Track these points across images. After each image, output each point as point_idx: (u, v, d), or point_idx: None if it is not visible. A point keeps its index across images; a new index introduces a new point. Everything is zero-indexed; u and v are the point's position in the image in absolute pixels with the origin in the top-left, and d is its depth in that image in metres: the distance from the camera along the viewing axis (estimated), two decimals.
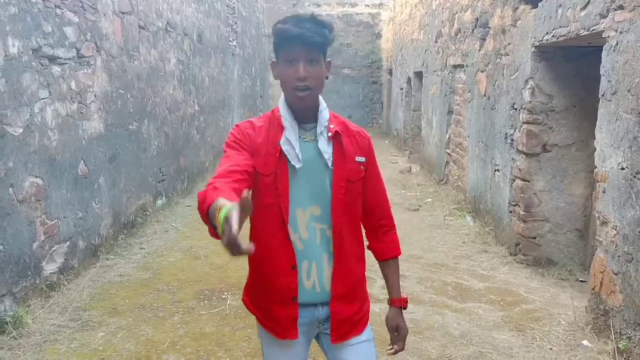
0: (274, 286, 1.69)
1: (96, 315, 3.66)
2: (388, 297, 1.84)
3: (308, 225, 1.67)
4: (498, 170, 5.42)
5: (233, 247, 1.18)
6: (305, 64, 1.58)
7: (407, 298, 1.85)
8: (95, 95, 4.66)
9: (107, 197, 4.94)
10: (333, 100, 17.46)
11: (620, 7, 3.13)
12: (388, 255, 1.83)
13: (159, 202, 6.46)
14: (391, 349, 1.80)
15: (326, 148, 1.66)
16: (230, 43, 11.07)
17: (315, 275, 1.68)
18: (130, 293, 4.07)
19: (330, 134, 1.66)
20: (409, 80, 11.76)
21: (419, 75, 10.60)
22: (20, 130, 3.56)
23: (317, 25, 1.59)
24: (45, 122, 3.86)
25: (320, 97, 1.70)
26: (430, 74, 9.26)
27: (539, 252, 4.71)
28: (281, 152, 1.63)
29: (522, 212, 4.73)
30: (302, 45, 1.56)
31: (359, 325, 1.76)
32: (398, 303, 1.82)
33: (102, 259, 4.70)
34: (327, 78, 1.68)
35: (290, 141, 1.64)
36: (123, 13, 5.29)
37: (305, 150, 1.65)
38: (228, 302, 3.94)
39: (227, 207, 1.20)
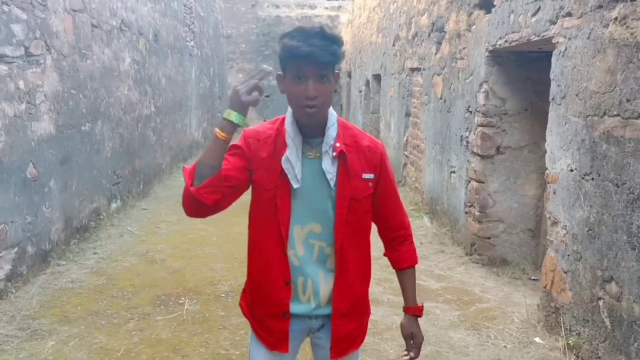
0: (268, 299, 1.69)
1: (46, 324, 3.53)
2: (404, 304, 1.84)
3: (305, 242, 1.66)
4: (454, 172, 5.53)
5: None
6: (314, 82, 1.52)
7: (422, 306, 1.84)
8: (45, 95, 4.50)
9: (58, 200, 4.78)
10: None
11: (569, 14, 3.24)
12: (404, 265, 1.82)
13: (114, 205, 6.29)
14: (406, 355, 1.80)
15: (330, 167, 1.62)
16: (188, 43, 10.91)
17: (310, 290, 1.68)
18: (82, 300, 3.94)
19: (335, 153, 1.62)
20: (367, 82, 11.87)
21: (377, 77, 10.71)
22: None
23: (327, 42, 1.51)
24: None
25: (331, 110, 1.65)
26: (388, 76, 9.36)
27: (493, 252, 4.83)
28: (283, 168, 1.61)
29: (477, 213, 4.83)
30: (312, 63, 1.50)
31: (357, 339, 1.78)
32: (413, 311, 1.81)
33: (53, 264, 4.54)
34: (335, 91, 1.63)
35: (291, 160, 1.60)
36: (75, 11, 5.13)
37: (307, 168, 1.63)
38: (185, 307, 3.87)
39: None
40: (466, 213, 5.11)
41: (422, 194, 6.91)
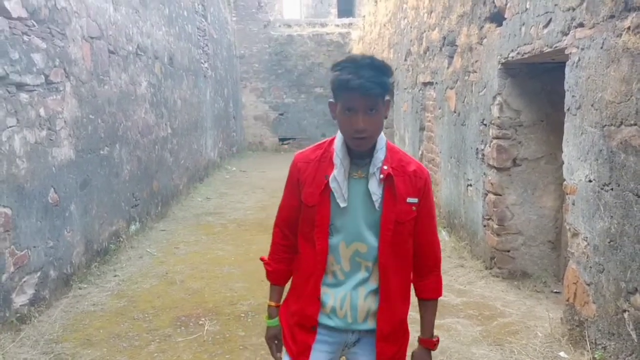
0: (300, 310, 1.76)
1: (69, 347, 3.56)
2: (420, 335, 1.83)
3: (352, 259, 1.71)
4: (471, 185, 5.50)
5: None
6: (364, 114, 1.56)
7: (437, 340, 1.83)
8: (65, 122, 4.60)
9: (79, 224, 4.85)
10: (307, 119, 17.57)
11: (581, 25, 3.24)
12: (427, 295, 1.83)
13: (133, 227, 6.36)
14: None
15: (376, 189, 1.66)
16: (202, 65, 11.07)
17: (347, 305, 1.71)
18: (104, 323, 3.98)
19: (382, 176, 1.65)
20: None
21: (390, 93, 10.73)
22: None
23: (376, 74, 1.55)
24: (13, 150, 3.78)
25: (382, 135, 1.68)
26: (401, 91, 9.39)
27: (513, 265, 4.78)
28: (326, 185, 1.66)
29: (495, 226, 4.80)
30: (362, 96, 1.54)
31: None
32: (427, 344, 1.82)
33: (75, 288, 4.59)
34: (386, 117, 1.66)
35: (338, 180, 1.65)
36: (92, 38, 5.25)
37: (353, 188, 1.67)
38: (205, 328, 3.88)
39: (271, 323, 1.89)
40: (484, 226, 5.07)
41: (439, 207, 6.88)
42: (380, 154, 1.67)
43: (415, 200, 1.70)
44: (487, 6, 4.88)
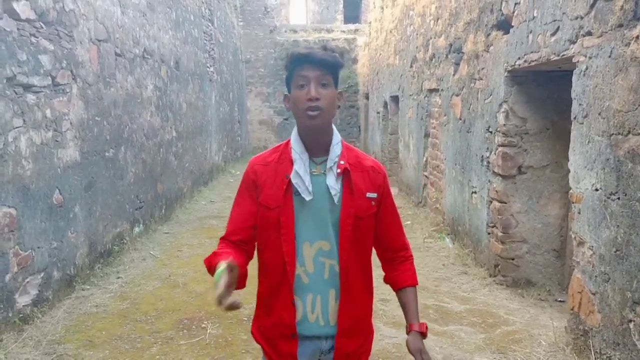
0: (276, 320, 1.71)
1: (71, 349, 3.56)
2: (406, 324, 1.78)
3: (315, 260, 1.68)
4: (475, 192, 5.49)
5: (221, 302, 1.37)
6: (316, 85, 1.61)
7: (426, 324, 1.79)
8: (70, 123, 4.61)
9: (83, 225, 4.85)
10: None
11: (589, 34, 3.24)
12: (404, 284, 1.80)
13: (136, 229, 6.37)
14: None
15: (334, 184, 1.66)
16: (208, 69, 11.10)
17: (319, 308, 1.69)
18: (107, 324, 3.97)
19: (339, 170, 1.66)
20: (385, 104, 11.91)
21: (395, 99, 10.75)
22: None
23: (325, 50, 1.65)
24: (19, 151, 3.79)
25: (335, 130, 1.72)
26: (406, 97, 9.39)
27: (517, 273, 4.75)
28: (288, 185, 1.65)
29: (500, 234, 4.78)
30: (312, 64, 1.61)
31: (362, 357, 1.77)
32: (419, 327, 1.74)
33: (78, 289, 4.59)
34: (339, 107, 1.69)
35: (300, 174, 1.65)
36: (99, 40, 5.27)
37: (314, 185, 1.66)
38: (208, 331, 3.87)
39: (218, 270, 1.45)
40: (489, 234, 5.06)
41: (443, 214, 6.86)
42: (336, 149, 1.69)
43: (374, 195, 1.71)
44: (494, 14, 4.88)
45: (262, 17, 18.02)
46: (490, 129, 4.98)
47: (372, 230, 1.74)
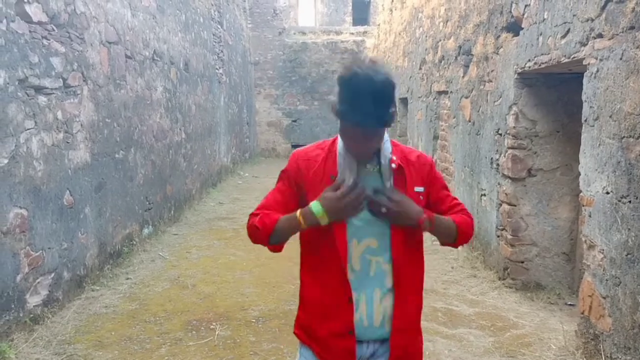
0: (330, 318, 1.67)
1: (81, 349, 3.58)
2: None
3: (361, 257, 1.66)
4: (484, 195, 5.46)
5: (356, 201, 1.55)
6: (364, 140, 1.57)
7: (434, 216, 1.69)
8: (81, 125, 4.65)
9: (93, 226, 4.88)
10: (320, 126, 17.59)
11: (600, 36, 3.22)
12: (453, 217, 1.75)
13: (146, 230, 6.40)
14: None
15: (387, 180, 1.64)
16: (217, 71, 11.14)
17: (363, 308, 1.65)
18: (116, 325, 3.99)
19: (394, 165, 1.65)
20: None
21: (404, 101, 10.73)
22: (6, 161, 3.52)
23: (376, 107, 1.48)
24: (30, 152, 3.83)
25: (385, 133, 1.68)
26: (415, 100, 9.37)
27: (527, 276, 4.73)
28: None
29: (509, 237, 4.75)
30: (361, 129, 1.54)
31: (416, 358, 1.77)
32: (428, 214, 1.68)
33: (88, 290, 4.62)
34: (393, 124, 1.62)
35: (345, 173, 1.62)
36: (110, 43, 5.31)
37: (364, 180, 1.63)
38: (217, 332, 3.88)
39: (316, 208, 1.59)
40: (498, 237, 5.03)
41: None
42: (387, 146, 1.67)
43: (421, 189, 1.70)
44: (504, 16, 4.86)
45: (271, 19, 18.05)
46: (500, 132, 4.96)
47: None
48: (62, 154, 4.31)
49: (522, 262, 4.73)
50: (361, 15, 22.09)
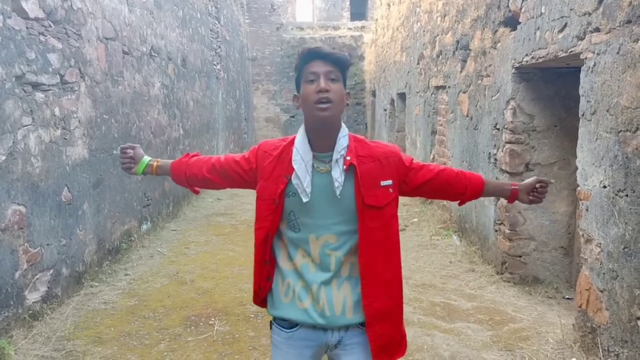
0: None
1: (80, 345, 3.59)
2: (509, 191, 2.02)
3: (321, 252, 1.71)
4: None
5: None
6: (325, 79, 1.64)
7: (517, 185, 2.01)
8: (79, 121, 4.64)
9: (92, 223, 4.88)
10: None
11: (597, 30, 3.22)
12: (478, 186, 1.96)
13: (144, 227, 6.40)
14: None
15: (338, 176, 1.67)
16: (215, 67, 11.12)
17: (324, 299, 1.71)
18: (115, 321, 4.00)
19: (345, 167, 1.68)
20: (392, 101, 11.89)
21: (402, 96, 10.72)
22: (3, 158, 3.52)
23: (332, 52, 1.68)
24: (28, 148, 3.82)
25: (343, 125, 1.74)
26: (413, 95, 9.37)
27: (525, 270, 4.74)
28: (287, 185, 1.69)
29: (507, 231, 4.77)
30: (321, 60, 1.65)
31: (397, 351, 1.79)
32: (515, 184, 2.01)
33: (87, 286, 4.63)
34: (347, 105, 1.73)
35: (299, 176, 1.67)
36: (107, 39, 5.30)
37: (318, 181, 1.69)
38: (215, 327, 3.89)
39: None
40: (496, 231, 5.05)
41: (450, 211, 6.85)
42: (343, 141, 1.70)
43: (389, 182, 1.73)
44: (502, 10, 4.86)
45: (269, 15, 18.02)
46: (498, 126, 4.97)
47: (395, 216, 1.77)
48: (60, 150, 4.31)
49: (520, 257, 4.74)
50: (359, 10, 22.07)
